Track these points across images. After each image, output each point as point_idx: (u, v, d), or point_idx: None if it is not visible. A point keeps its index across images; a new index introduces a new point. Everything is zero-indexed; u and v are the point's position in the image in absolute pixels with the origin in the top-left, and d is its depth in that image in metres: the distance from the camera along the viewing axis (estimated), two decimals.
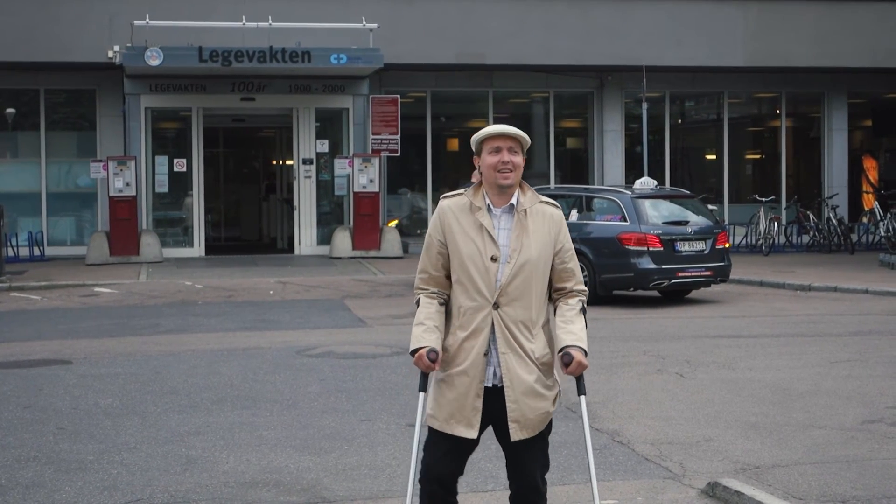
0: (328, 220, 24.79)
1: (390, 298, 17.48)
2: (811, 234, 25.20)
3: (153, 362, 11.61)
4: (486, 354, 5.05)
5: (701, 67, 25.58)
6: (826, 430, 8.45)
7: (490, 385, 5.08)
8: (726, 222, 24.72)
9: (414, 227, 25.75)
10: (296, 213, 24.57)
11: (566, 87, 26.22)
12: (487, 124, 31.07)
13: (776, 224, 24.96)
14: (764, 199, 25.20)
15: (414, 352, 5.16)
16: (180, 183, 24.14)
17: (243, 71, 22.68)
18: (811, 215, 25.37)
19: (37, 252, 23.31)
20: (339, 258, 23.14)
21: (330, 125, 25.08)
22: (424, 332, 5.15)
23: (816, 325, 14.27)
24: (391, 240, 23.49)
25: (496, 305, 5.04)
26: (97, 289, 18.84)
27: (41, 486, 7.15)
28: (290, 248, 25.01)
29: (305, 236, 24.58)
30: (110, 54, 22.42)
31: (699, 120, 28.96)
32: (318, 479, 7.29)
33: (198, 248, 24.16)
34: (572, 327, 5.11)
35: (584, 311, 5.20)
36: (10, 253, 22.95)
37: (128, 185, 22.68)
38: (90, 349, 12.51)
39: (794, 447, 7.97)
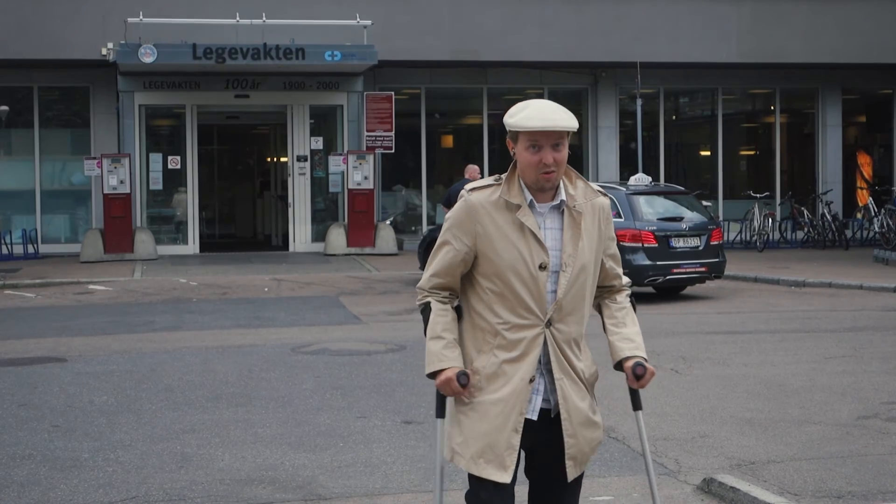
0: (323, 217, 24.78)
1: (385, 295, 17.47)
2: (805, 230, 25.24)
3: (148, 360, 11.59)
4: (531, 381, 4.20)
5: (695, 64, 25.60)
6: (821, 425, 8.46)
7: (533, 417, 4.23)
8: (721, 218, 24.74)
9: (408, 224, 25.75)
10: (290, 210, 24.56)
11: (560, 84, 26.22)
12: (482, 121, 30.89)
13: (770, 220, 24.99)
14: (758, 196, 25.22)
15: (435, 373, 4.23)
16: (174, 180, 24.13)
17: (237, 68, 22.66)
18: (805, 211, 25.40)
19: (31, 250, 23.28)
20: (334, 255, 23.13)
21: (324, 122, 25.06)
22: (445, 349, 4.23)
23: (811, 320, 14.28)
24: (386, 237, 23.49)
25: (548, 323, 4.20)
26: (92, 286, 18.82)
27: (36, 484, 7.14)
28: (285, 246, 25.00)
29: (300, 233, 24.57)
30: (104, 51, 22.40)
31: (693, 116, 28.98)
32: (313, 477, 7.28)
33: (192, 246, 24.15)
34: (628, 332, 4.44)
35: (634, 307, 4.53)
36: (4, 251, 22.95)
37: (122, 182, 22.66)
38: (85, 347, 12.49)
39: (789, 443, 7.97)
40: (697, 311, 15.40)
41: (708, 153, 27.89)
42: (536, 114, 4.12)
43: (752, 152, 29.12)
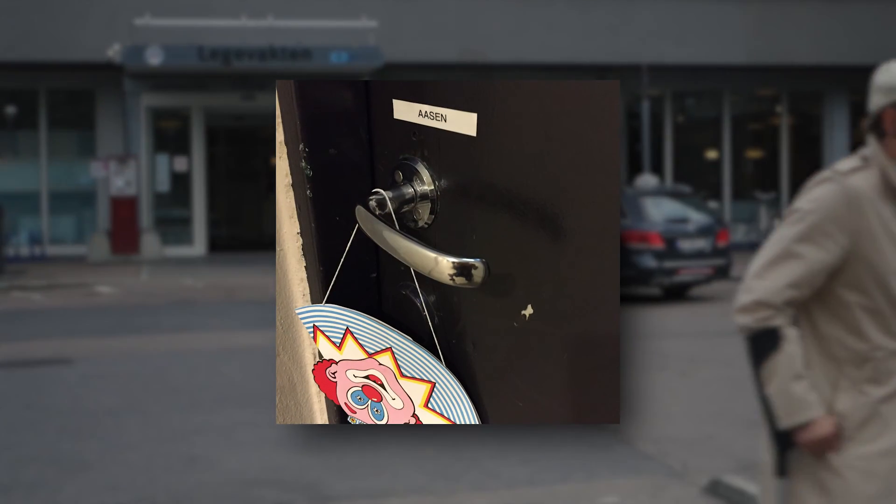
0: None
1: None
2: None
3: (154, 361, 11.60)
4: None
5: (702, 65, 25.58)
6: None
7: None
8: (727, 220, 24.73)
9: None
10: None
11: None
12: None
13: (777, 221, 24.96)
14: (765, 197, 25.20)
15: (801, 425, 3.26)
16: (181, 182, 24.15)
17: (244, 69, 22.68)
18: None
19: (37, 251, 23.32)
20: None
21: None
22: (810, 393, 3.24)
23: None
24: None
25: None
26: (98, 288, 18.84)
27: (43, 486, 7.14)
28: None
29: None
30: (110, 53, 22.43)
31: (700, 118, 28.96)
32: (320, 478, 7.28)
33: (199, 247, 24.17)
34: None
35: None
36: (11, 252, 22.97)
37: (128, 183, 22.70)
38: (91, 348, 12.50)
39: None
40: (704, 313, 15.39)
41: (714, 155, 27.87)
42: None
43: (758, 154, 29.10)
